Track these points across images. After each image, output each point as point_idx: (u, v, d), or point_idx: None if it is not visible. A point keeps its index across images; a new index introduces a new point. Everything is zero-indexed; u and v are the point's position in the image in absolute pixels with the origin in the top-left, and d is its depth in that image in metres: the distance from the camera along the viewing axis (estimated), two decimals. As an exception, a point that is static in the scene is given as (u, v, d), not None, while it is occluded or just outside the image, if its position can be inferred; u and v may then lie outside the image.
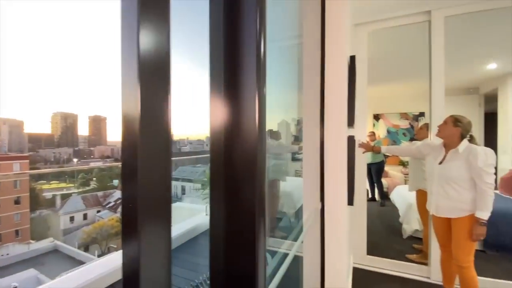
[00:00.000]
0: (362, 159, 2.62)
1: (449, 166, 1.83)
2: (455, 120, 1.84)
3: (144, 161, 0.25)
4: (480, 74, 4.07)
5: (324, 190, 1.58)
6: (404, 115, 5.19)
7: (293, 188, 2.75)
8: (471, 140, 1.82)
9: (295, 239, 1.13)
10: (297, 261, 1.62)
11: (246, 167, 0.36)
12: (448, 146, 1.88)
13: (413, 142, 2.72)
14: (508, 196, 3.15)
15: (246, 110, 0.36)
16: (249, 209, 0.36)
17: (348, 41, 1.74)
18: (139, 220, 0.24)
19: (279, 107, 2.36)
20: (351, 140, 1.86)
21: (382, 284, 2.27)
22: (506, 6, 2.09)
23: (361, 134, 2.62)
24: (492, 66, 3.71)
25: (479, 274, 1.78)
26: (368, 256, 2.59)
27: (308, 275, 1.56)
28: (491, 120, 4.35)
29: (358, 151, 2.58)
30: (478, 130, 4.29)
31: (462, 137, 1.83)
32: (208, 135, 0.37)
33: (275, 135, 2.44)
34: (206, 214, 3.40)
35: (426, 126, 2.60)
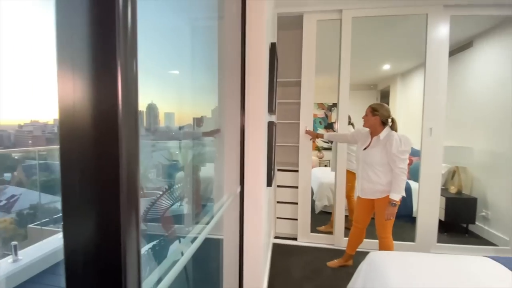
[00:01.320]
0: (308, 144, 2.80)
1: (371, 152, 1.99)
2: (372, 110, 1.99)
3: None
4: (378, 73, 4.84)
5: (244, 174, 1.62)
6: (320, 105, 5.78)
7: (220, 174, 2.74)
8: (393, 124, 1.99)
9: (215, 223, 1.13)
10: (218, 243, 1.65)
11: (108, 161, 0.30)
12: (373, 133, 2.03)
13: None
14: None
15: (105, 88, 0.29)
16: (113, 217, 0.30)
17: (269, 27, 1.77)
18: None
19: (214, 93, 2.26)
20: (271, 125, 1.94)
21: (297, 254, 2.54)
22: (399, 14, 2.48)
23: (309, 122, 2.79)
24: (386, 67, 4.45)
25: (372, 237, 2.24)
26: (312, 233, 2.81)
27: (228, 254, 1.61)
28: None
29: (304, 137, 2.77)
30: (375, 120, 5.15)
31: (384, 124, 1.98)
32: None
33: (199, 121, 2.35)
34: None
35: (348, 117, 2.89)
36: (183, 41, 1.83)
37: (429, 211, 2.57)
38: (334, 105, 5.70)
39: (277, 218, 2.93)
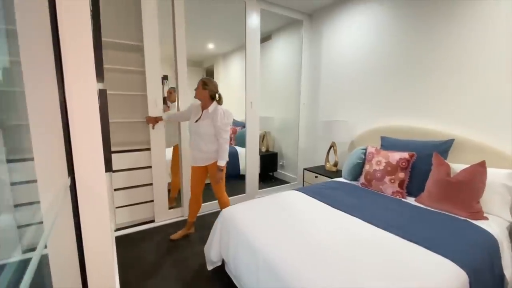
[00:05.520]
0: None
1: (202, 124, 2.14)
2: (203, 83, 2.13)
3: None
4: (203, 51, 5.14)
5: (73, 162, 1.24)
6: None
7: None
8: (219, 99, 2.20)
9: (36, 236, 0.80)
10: (40, 262, 1.21)
11: None
12: (203, 107, 2.18)
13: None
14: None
15: None
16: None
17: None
18: None
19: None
20: (103, 94, 1.58)
21: (147, 239, 2.39)
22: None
23: (157, 95, 2.51)
24: (211, 46, 4.81)
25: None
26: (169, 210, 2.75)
27: (60, 272, 1.22)
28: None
29: (153, 112, 2.52)
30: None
31: (213, 98, 2.17)
32: None
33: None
34: None
35: (174, 90, 2.85)
36: None
37: (253, 167, 3.26)
38: (165, 77, 5.47)
39: (119, 207, 2.55)
